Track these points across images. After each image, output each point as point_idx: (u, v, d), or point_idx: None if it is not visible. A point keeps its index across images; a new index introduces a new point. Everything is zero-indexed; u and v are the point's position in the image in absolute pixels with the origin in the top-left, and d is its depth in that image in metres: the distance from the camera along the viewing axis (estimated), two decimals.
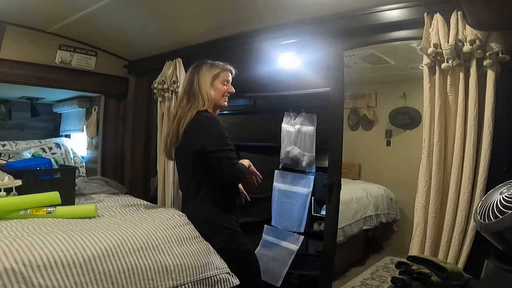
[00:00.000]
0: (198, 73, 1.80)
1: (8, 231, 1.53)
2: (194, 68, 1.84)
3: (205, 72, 1.80)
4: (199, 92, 1.76)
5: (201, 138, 1.68)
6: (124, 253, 1.57)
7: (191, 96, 1.78)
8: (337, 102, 2.12)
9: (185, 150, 1.77)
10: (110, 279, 1.48)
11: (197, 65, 1.85)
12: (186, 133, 1.72)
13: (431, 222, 1.69)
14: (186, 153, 1.77)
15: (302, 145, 2.74)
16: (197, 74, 1.80)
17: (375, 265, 3.43)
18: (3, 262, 1.25)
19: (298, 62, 2.49)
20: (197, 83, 1.78)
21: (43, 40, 2.81)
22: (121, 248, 1.57)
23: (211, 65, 1.83)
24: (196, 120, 1.72)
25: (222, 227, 1.74)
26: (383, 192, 3.80)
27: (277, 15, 2.21)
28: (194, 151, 1.70)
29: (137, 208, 2.24)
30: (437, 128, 1.69)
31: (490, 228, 0.99)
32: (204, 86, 1.77)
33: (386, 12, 1.88)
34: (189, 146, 1.72)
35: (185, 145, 1.75)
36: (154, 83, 2.92)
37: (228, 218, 1.75)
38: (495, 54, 1.56)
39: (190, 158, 1.77)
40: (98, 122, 3.47)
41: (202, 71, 1.80)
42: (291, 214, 2.75)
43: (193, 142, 1.70)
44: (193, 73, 1.82)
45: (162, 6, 2.29)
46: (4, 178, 1.88)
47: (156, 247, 1.68)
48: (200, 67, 1.82)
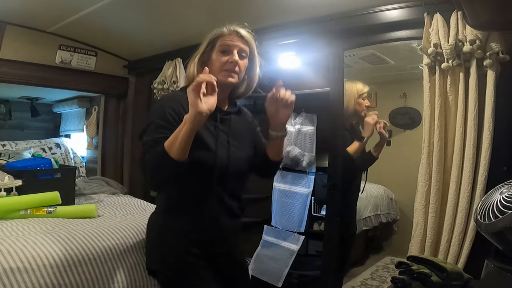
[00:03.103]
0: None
1: (9, 231, 1.53)
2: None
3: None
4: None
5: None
6: (125, 253, 1.57)
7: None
8: (337, 102, 2.13)
9: None
10: (111, 278, 1.49)
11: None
12: None
13: (431, 222, 1.69)
14: None
15: (302, 145, 2.74)
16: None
17: (375, 265, 3.43)
18: (8, 262, 1.26)
19: (298, 62, 2.49)
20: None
21: (43, 40, 2.82)
22: (122, 248, 1.57)
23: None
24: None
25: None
26: (383, 192, 3.80)
27: (277, 15, 2.21)
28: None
29: (137, 208, 2.24)
30: (437, 128, 1.69)
31: (490, 228, 0.99)
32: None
33: (386, 12, 1.89)
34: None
35: None
36: (154, 83, 2.92)
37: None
38: (495, 54, 1.56)
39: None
40: (98, 122, 3.47)
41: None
42: (291, 214, 2.75)
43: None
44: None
45: (162, 6, 2.29)
46: (4, 178, 1.88)
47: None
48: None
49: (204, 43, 1.30)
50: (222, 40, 1.27)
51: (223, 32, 1.28)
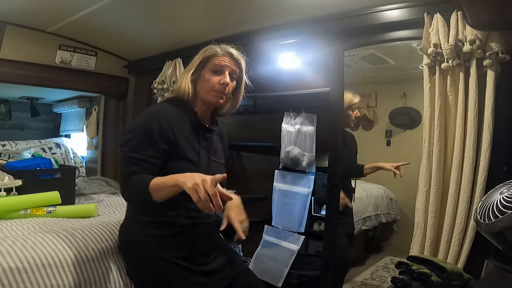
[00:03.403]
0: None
1: (9, 230, 1.53)
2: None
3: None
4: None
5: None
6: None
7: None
8: (337, 102, 2.12)
9: None
10: (112, 278, 1.49)
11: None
12: None
13: (431, 222, 1.69)
14: None
15: (302, 145, 2.74)
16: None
17: (375, 265, 3.43)
18: (7, 261, 1.26)
19: (298, 62, 2.49)
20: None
21: (43, 40, 2.81)
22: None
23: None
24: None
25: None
26: (383, 192, 3.80)
27: (277, 15, 2.21)
28: None
29: None
30: (437, 128, 1.69)
31: (490, 228, 0.99)
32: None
33: (386, 12, 1.89)
34: None
35: None
36: (154, 83, 2.93)
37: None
38: (495, 54, 1.56)
39: None
40: (98, 122, 3.47)
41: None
42: (291, 214, 2.75)
43: None
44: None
45: (162, 6, 2.29)
46: (4, 178, 1.88)
47: None
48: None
49: (197, 60, 1.31)
50: (216, 59, 1.29)
51: (217, 52, 1.30)
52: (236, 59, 1.32)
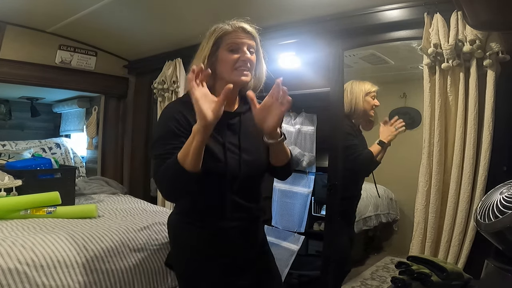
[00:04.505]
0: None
1: (9, 231, 1.53)
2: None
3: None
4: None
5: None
6: (126, 252, 1.57)
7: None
8: (337, 102, 2.13)
9: None
10: (113, 278, 1.49)
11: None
12: None
13: (431, 222, 1.70)
14: None
15: (302, 145, 2.74)
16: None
17: (375, 265, 3.43)
18: (6, 262, 1.26)
19: (298, 62, 2.49)
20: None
21: (43, 40, 2.81)
22: (123, 248, 1.57)
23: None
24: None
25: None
26: (383, 192, 3.80)
27: (277, 15, 2.21)
28: None
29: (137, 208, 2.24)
30: (437, 128, 1.69)
31: (490, 228, 0.99)
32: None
33: (386, 12, 1.89)
34: None
35: None
36: (154, 83, 2.93)
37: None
38: (495, 54, 1.56)
39: None
40: (98, 122, 3.47)
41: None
42: (291, 214, 2.75)
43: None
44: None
45: (162, 6, 2.29)
46: (4, 178, 1.88)
47: (157, 246, 1.69)
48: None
49: (209, 42, 1.21)
50: (228, 38, 1.20)
51: (227, 29, 1.20)
52: (250, 32, 1.22)
